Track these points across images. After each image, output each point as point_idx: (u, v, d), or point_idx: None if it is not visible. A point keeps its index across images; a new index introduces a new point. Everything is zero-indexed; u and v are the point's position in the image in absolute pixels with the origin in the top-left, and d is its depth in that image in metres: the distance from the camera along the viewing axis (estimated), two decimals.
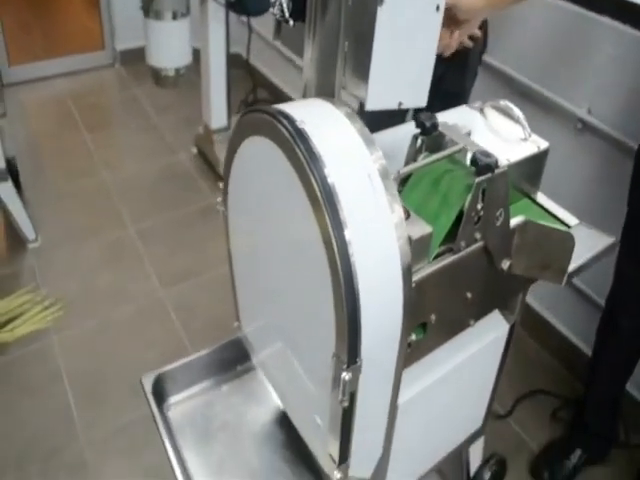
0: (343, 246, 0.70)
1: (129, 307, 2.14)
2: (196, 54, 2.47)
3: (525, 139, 1.04)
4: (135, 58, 3.43)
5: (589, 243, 1.01)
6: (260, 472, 1.16)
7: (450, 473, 1.58)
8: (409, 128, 0.95)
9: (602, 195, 1.62)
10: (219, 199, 1.08)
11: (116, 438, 1.72)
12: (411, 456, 1.15)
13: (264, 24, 3.01)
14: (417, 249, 0.77)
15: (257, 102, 3.12)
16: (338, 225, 0.70)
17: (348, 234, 0.70)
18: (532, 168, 1.05)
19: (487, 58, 1.69)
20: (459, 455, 1.42)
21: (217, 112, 2.65)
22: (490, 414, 1.33)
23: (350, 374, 0.75)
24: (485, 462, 1.46)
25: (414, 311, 0.79)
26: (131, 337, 2.03)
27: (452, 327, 0.96)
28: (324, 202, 0.70)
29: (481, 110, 1.12)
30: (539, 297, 1.93)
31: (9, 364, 1.91)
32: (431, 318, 0.89)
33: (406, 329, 0.80)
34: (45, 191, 2.64)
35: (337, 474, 0.92)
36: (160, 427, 1.16)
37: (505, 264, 0.91)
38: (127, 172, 2.83)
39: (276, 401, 1.28)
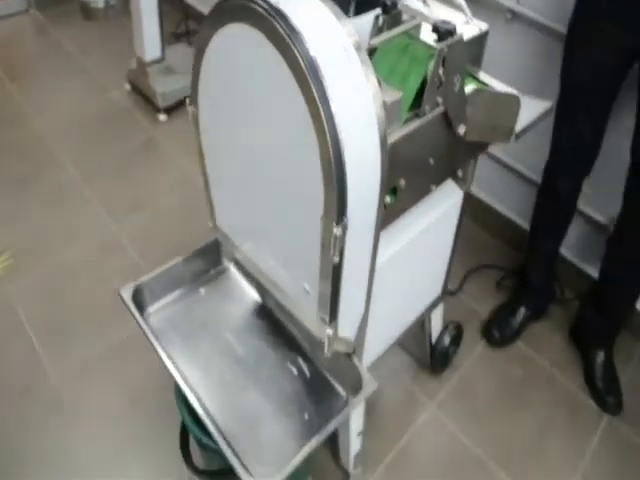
0: (330, 118, 0.78)
1: (83, 244, 2.14)
2: None
3: (467, 22, 1.14)
4: (51, 1, 3.33)
5: (530, 108, 1.14)
6: (246, 358, 1.27)
7: (413, 348, 1.77)
8: (366, 17, 1.04)
9: (534, 77, 1.75)
10: (187, 99, 1.10)
11: (87, 370, 1.75)
12: (386, 319, 1.28)
13: None
14: (390, 113, 0.87)
15: (189, 33, 3.09)
16: (324, 98, 0.77)
17: (333, 106, 0.78)
18: (475, 49, 1.15)
19: None
20: (422, 326, 1.59)
21: (150, 44, 2.58)
22: (448, 281, 1.49)
23: (340, 229, 0.86)
24: (444, 329, 1.63)
25: (388, 174, 0.90)
26: (89, 273, 2.04)
27: (417, 191, 1.09)
28: (310, 76, 0.77)
29: (424, 1, 1.22)
30: (478, 182, 2.06)
31: None
32: (401, 183, 1.00)
33: (383, 190, 0.90)
34: None
35: (329, 331, 1.03)
36: (146, 331, 1.22)
37: (461, 129, 1.02)
38: (59, 116, 2.74)
39: (252, 296, 1.38)
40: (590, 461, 1.60)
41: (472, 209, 2.03)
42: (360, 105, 0.82)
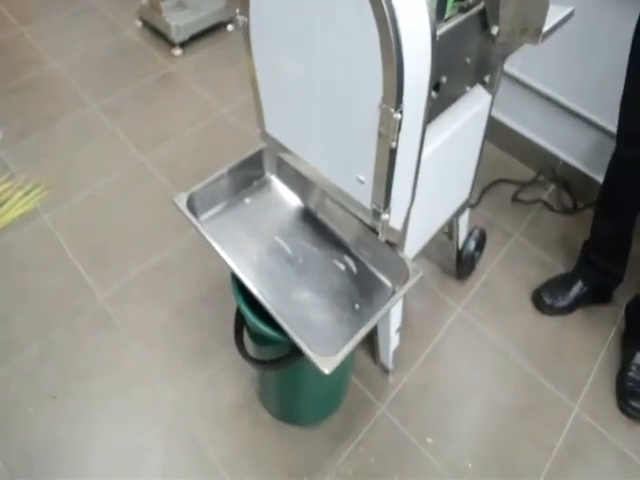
0: (390, 8, 0.87)
1: (114, 175, 2.23)
2: None
3: None
4: None
5: (553, 13, 1.22)
6: (295, 258, 1.36)
7: (439, 258, 1.90)
8: None
9: None
10: (237, 10, 1.15)
11: (132, 289, 1.86)
12: (424, 216, 1.40)
13: None
14: (439, 5, 0.97)
15: None
16: None
17: None
18: None
19: None
20: (448, 236, 1.71)
21: None
22: (475, 186, 1.59)
23: (399, 114, 0.96)
24: (470, 234, 1.76)
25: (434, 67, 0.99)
26: (122, 200, 2.14)
27: (455, 90, 1.19)
28: None
29: None
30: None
31: (7, 248, 1.98)
32: (443, 79, 1.11)
33: (432, 81, 1.00)
34: None
35: (385, 216, 1.15)
36: (201, 231, 1.29)
37: (494, 29, 1.12)
38: (75, 55, 2.81)
39: (295, 202, 1.47)
40: (606, 353, 1.74)
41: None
42: None
